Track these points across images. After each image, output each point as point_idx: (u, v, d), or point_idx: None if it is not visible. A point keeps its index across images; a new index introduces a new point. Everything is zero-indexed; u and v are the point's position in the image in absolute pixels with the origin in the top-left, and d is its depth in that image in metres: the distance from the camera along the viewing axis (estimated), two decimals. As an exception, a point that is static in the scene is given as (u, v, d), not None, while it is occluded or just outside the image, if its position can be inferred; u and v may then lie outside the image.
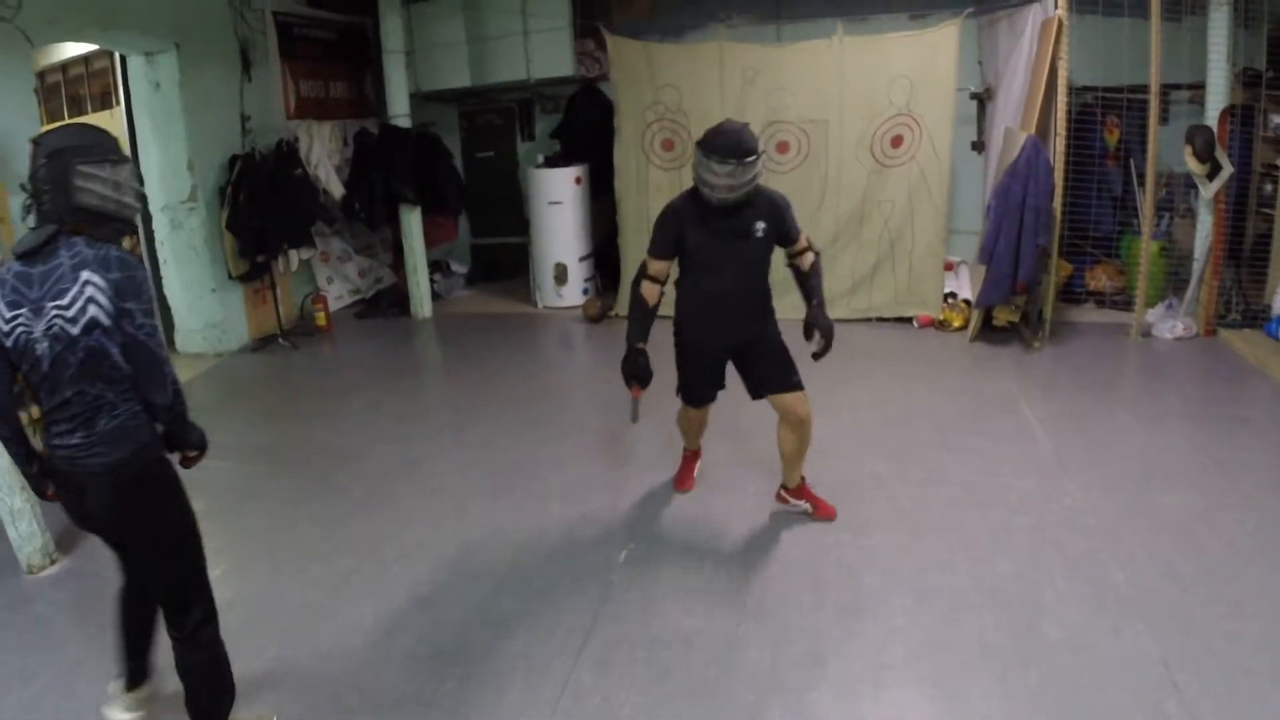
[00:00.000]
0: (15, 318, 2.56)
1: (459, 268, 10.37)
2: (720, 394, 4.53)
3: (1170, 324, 7.66)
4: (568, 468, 5.30)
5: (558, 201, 8.60)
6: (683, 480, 4.94)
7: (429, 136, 9.06)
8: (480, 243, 10.67)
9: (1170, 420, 5.82)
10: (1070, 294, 8.40)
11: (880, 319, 7.91)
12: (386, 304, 9.14)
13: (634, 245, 8.01)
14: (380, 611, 3.86)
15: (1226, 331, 7.62)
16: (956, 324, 7.75)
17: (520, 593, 3.98)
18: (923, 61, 7.24)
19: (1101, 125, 8.20)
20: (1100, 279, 8.42)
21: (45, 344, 2.55)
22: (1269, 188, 7.65)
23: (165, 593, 2.86)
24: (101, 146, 2.64)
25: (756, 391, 4.33)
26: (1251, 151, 7.82)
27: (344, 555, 4.35)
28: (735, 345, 4.28)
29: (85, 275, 2.54)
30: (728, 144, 3.77)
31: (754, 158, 3.79)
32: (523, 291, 9.56)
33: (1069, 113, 7.13)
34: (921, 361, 7.04)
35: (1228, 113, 7.58)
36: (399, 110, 8.62)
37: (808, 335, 4.09)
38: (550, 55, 8.56)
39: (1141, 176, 7.91)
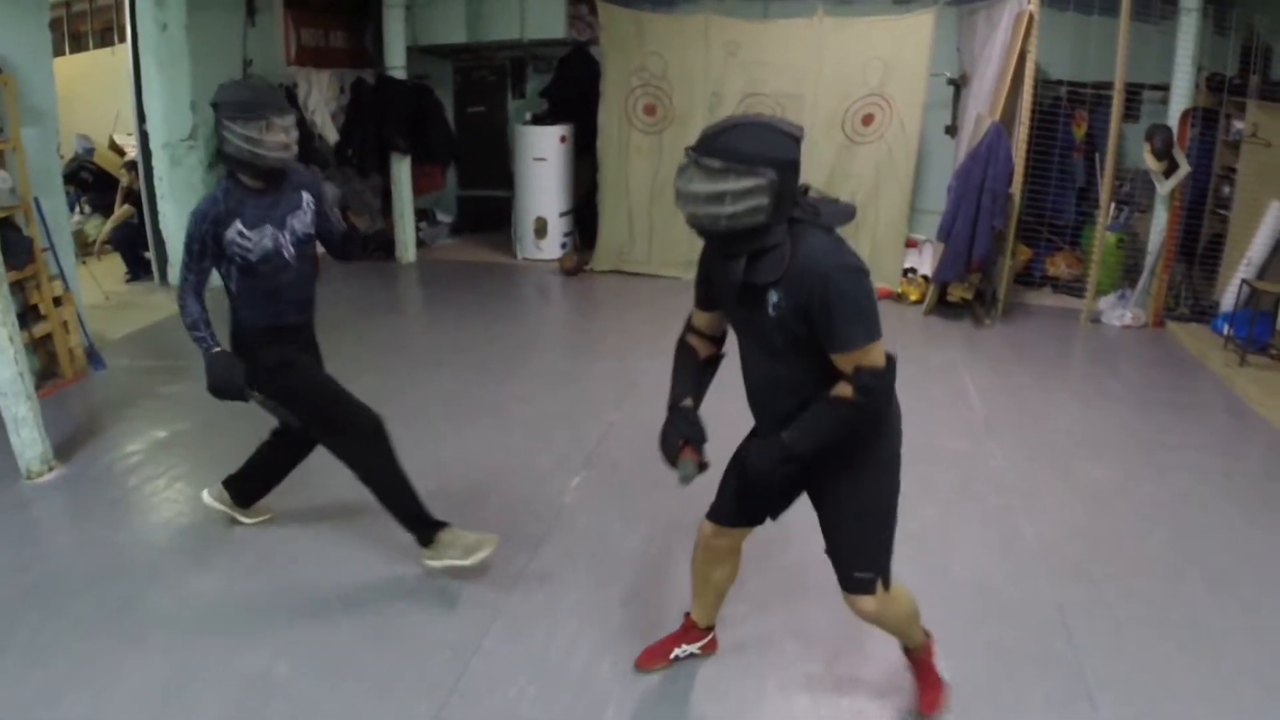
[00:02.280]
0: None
1: (444, 217, 10.67)
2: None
3: (1120, 313, 7.99)
4: (534, 403, 5.62)
5: (542, 158, 8.89)
6: (648, 654, 3.28)
7: (422, 89, 9.31)
8: (466, 194, 10.94)
9: (1104, 401, 6.13)
10: (1028, 278, 8.75)
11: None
12: (373, 248, 9.42)
13: (612, 204, 8.38)
14: (354, 511, 4.14)
15: (1174, 324, 7.96)
16: (913, 297, 8.12)
17: (481, 508, 4.25)
18: (898, 45, 7.54)
19: (1070, 118, 8.50)
20: (1059, 266, 8.76)
21: None
22: (1226, 190, 7.99)
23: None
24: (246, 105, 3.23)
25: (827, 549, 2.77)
26: (1211, 154, 8.16)
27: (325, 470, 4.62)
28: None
29: None
30: (705, 133, 2.39)
31: (731, 167, 2.30)
32: (504, 243, 9.90)
33: (1035, 102, 7.43)
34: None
35: (1189, 114, 7.90)
36: (396, 62, 8.87)
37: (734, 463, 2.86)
38: (544, 17, 8.78)
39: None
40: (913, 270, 8.26)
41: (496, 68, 10.32)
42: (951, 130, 9.03)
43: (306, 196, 3.50)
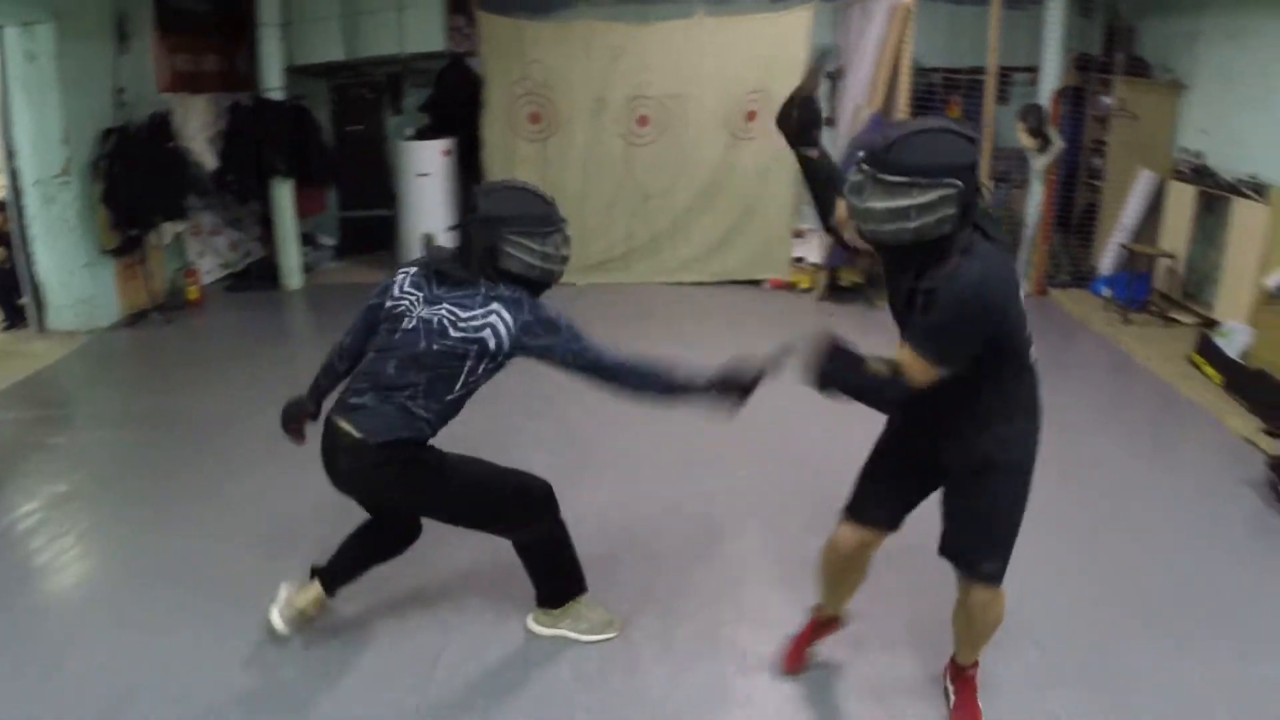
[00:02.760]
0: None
1: (327, 240, 10.43)
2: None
3: (1002, 285, 8.30)
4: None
5: (426, 174, 8.75)
6: (788, 655, 3.24)
7: (300, 109, 9.13)
8: (349, 216, 10.71)
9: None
10: (912, 259, 8.98)
11: (734, 281, 8.35)
12: (256, 276, 9.18)
13: None
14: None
15: (1056, 291, 8.36)
16: (804, 285, 8.29)
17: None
18: (778, 41, 7.66)
19: (944, 104, 8.79)
20: (940, 244, 9.02)
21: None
22: (1097, 161, 8.42)
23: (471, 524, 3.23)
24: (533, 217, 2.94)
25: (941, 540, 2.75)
26: (1082, 129, 8.63)
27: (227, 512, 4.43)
28: (920, 450, 2.75)
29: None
30: (878, 145, 2.29)
31: (915, 181, 2.21)
32: (391, 262, 9.60)
33: (912, 91, 7.64)
34: (771, 318, 7.51)
35: (1060, 93, 8.30)
36: (272, 84, 8.65)
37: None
38: (422, 29, 8.65)
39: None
40: (801, 259, 8.40)
41: (374, 85, 10.16)
42: (829, 122, 9.23)
43: None
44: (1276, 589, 3.76)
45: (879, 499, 2.85)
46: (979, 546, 2.65)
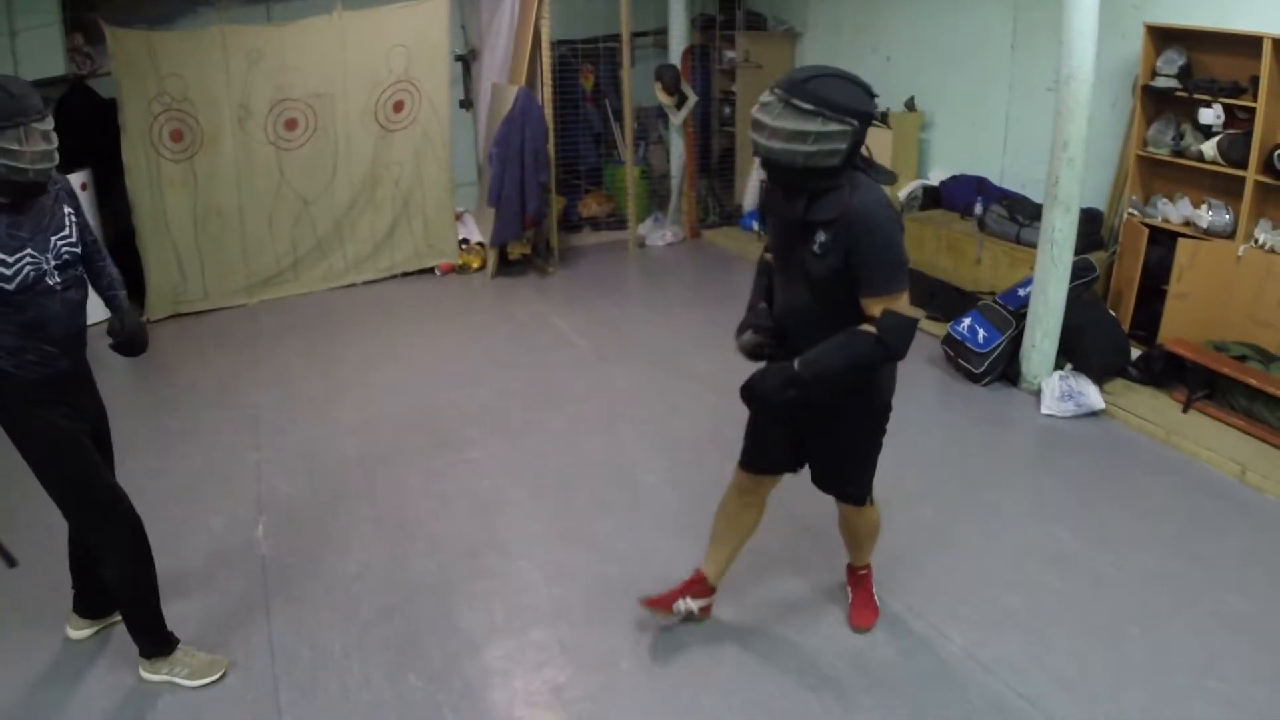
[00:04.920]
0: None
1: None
2: None
3: (660, 233, 9.02)
4: (163, 476, 4.94)
5: (64, 212, 8.18)
6: (659, 597, 3.48)
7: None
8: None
9: (677, 307, 7.06)
10: (567, 223, 9.52)
11: (405, 274, 8.44)
12: None
13: (155, 245, 7.74)
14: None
15: (709, 232, 9.17)
16: (475, 265, 8.54)
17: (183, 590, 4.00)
18: (418, 30, 7.80)
19: (579, 73, 9.33)
20: (591, 206, 9.69)
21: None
22: (728, 110, 9.34)
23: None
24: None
25: (814, 478, 3.22)
26: (710, 82, 9.58)
27: None
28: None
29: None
30: (793, 75, 2.61)
31: (821, 112, 2.52)
32: None
33: (555, 65, 8.07)
34: (453, 303, 7.72)
35: (689, 52, 9.21)
36: None
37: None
38: (38, 53, 7.89)
39: (617, 113, 9.14)
40: (466, 241, 8.66)
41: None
42: (467, 104, 9.52)
43: (68, 210, 3.02)
44: (970, 431, 5.12)
45: (765, 445, 3.18)
46: (846, 481, 3.15)
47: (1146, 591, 3.65)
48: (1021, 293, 5.60)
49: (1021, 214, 6.43)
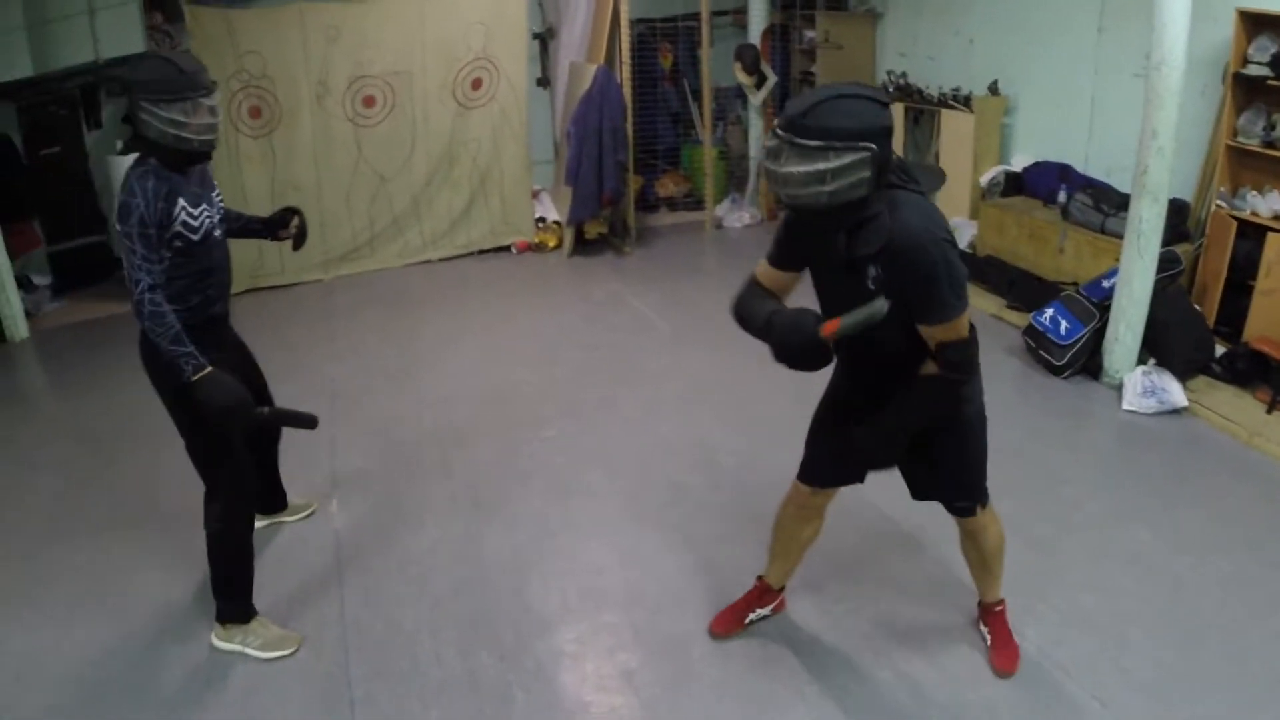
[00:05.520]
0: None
1: (41, 280, 9.58)
2: None
3: (738, 215, 8.91)
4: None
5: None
6: (721, 619, 3.39)
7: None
8: (58, 249, 9.90)
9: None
10: (644, 203, 9.44)
11: (481, 251, 8.45)
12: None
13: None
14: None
15: (786, 212, 9.02)
16: (552, 244, 8.50)
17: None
18: (496, 8, 7.77)
19: (657, 52, 9.24)
20: (669, 186, 9.60)
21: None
22: (806, 90, 9.18)
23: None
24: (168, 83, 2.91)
25: (913, 490, 3.02)
26: (790, 62, 9.44)
27: None
28: (863, 412, 2.74)
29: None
30: (792, 108, 2.30)
31: (830, 145, 2.23)
32: (118, 292, 8.55)
33: (634, 43, 7.99)
34: (529, 281, 7.70)
35: (769, 32, 9.07)
36: (-41, 114, 7.99)
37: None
38: (119, 31, 8.08)
39: (696, 93, 9.05)
40: (543, 219, 8.61)
41: (65, 99, 9.52)
42: (544, 82, 9.47)
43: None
44: (1049, 425, 4.91)
45: (829, 461, 2.99)
46: (954, 494, 2.93)
47: (1225, 597, 3.47)
48: (1105, 284, 5.39)
49: (1107, 203, 6.19)
